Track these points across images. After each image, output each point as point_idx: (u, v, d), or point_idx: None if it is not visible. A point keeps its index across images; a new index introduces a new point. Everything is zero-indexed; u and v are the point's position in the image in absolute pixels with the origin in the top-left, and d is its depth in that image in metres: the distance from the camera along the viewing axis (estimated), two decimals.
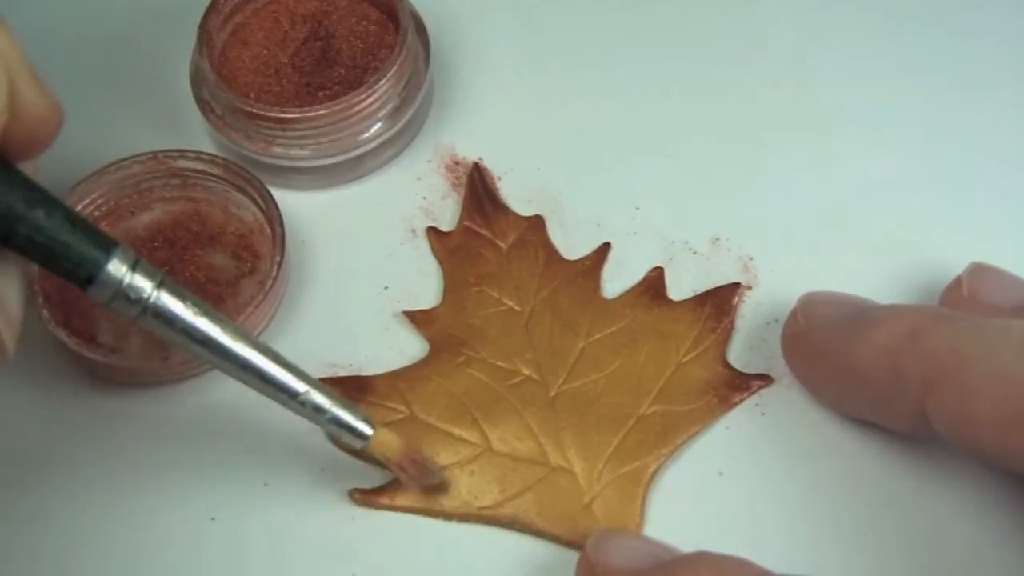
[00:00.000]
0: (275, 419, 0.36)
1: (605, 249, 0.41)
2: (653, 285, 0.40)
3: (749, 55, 0.46)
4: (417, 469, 0.36)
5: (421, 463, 0.36)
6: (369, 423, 0.35)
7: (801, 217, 0.42)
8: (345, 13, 0.44)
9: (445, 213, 0.43)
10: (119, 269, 0.31)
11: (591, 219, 0.42)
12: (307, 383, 0.34)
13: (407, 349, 0.40)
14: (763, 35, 0.46)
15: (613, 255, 0.41)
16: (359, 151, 0.42)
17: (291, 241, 0.41)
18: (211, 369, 0.39)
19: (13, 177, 0.30)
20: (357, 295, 0.41)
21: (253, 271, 0.41)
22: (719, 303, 0.40)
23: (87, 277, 0.31)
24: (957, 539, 0.36)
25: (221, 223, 0.42)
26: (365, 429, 0.35)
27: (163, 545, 0.37)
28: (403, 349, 0.40)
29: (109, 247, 0.31)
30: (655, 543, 0.34)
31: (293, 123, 0.41)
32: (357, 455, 0.37)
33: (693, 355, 0.39)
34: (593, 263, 0.41)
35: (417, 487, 0.37)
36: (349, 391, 0.39)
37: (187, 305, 0.32)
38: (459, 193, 0.43)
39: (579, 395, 0.38)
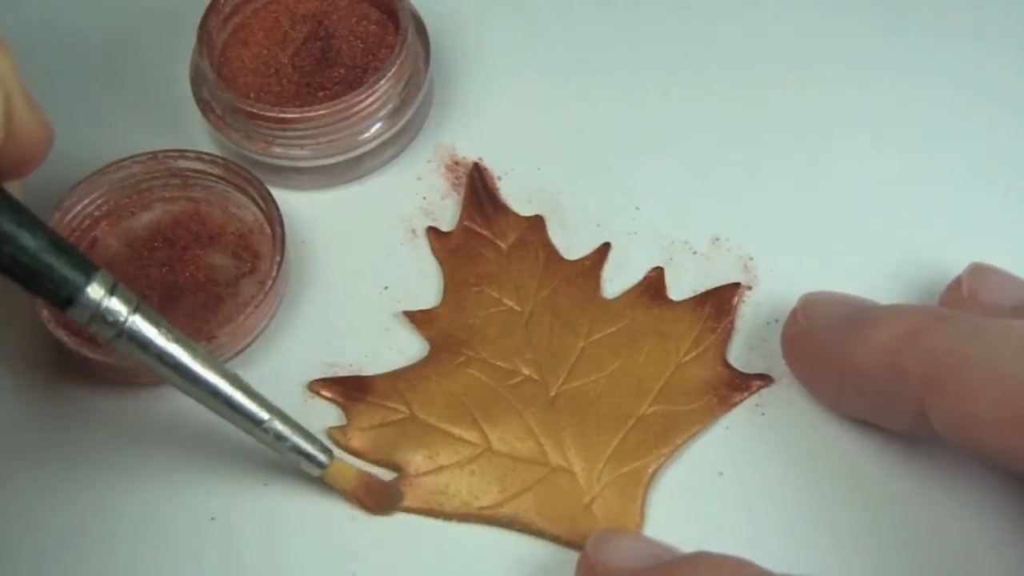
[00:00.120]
0: None
1: (605, 249, 0.41)
2: (653, 285, 0.40)
3: (749, 56, 0.46)
4: (375, 499, 0.36)
5: (379, 491, 0.37)
6: (328, 454, 0.36)
7: (801, 217, 0.42)
8: (345, 13, 0.44)
9: (445, 213, 0.43)
10: (97, 292, 0.33)
11: (591, 219, 0.42)
12: (271, 412, 0.35)
13: (407, 349, 0.40)
14: (763, 36, 0.46)
15: (613, 255, 0.41)
16: (359, 151, 0.42)
17: (291, 241, 0.41)
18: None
19: (1, 198, 0.31)
20: (357, 295, 0.41)
21: (253, 271, 0.41)
22: (719, 303, 0.40)
23: (67, 299, 0.32)
24: (957, 539, 0.35)
25: (221, 223, 0.42)
26: (323, 458, 0.36)
27: (163, 545, 0.37)
28: (403, 349, 0.40)
29: (90, 271, 0.33)
30: (655, 543, 0.34)
31: (293, 123, 0.41)
32: (356, 455, 0.37)
33: (693, 355, 0.39)
34: (593, 263, 0.41)
35: (380, 512, 0.37)
36: (349, 391, 0.39)
37: (160, 331, 0.34)
38: (459, 193, 0.43)
39: (579, 395, 0.38)
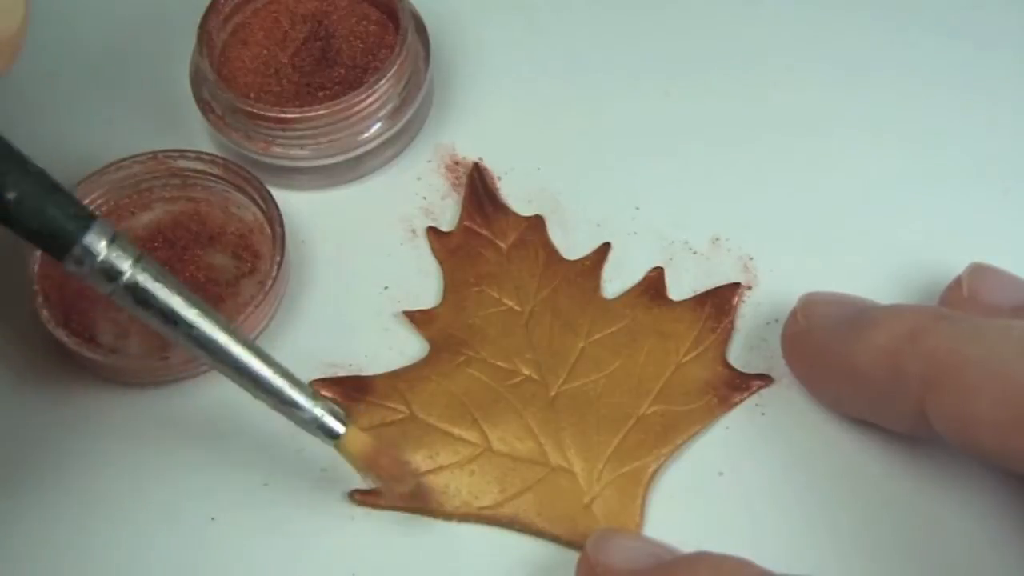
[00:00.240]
0: (276, 419, 0.36)
1: (605, 249, 0.41)
2: (653, 285, 0.40)
3: (749, 56, 0.46)
4: (389, 472, 0.35)
5: (394, 466, 0.35)
6: (342, 421, 0.34)
7: (801, 217, 0.42)
8: (345, 13, 0.44)
9: (445, 213, 0.43)
10: (96, 242, 0.31)
11: (591, 219, 0.42)
12: (282, 375, 0.33)
13: (407, 349, 0.40)
14: (763, 36, 0.46)
15: (613, 255, 0.41)
16: (359, 151, 0.42)
17: (291, 241, 0.41)
18: (211, 369, 0.39)
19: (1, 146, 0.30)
20: (357, 295, 0.41)
21: (253, 271, 0.41)
22: (719, 303, 0.40)
23: (62, 248, 0.31)
24: (957, 539, 0.35)
25: (221, 223, 0.42)
26: (337, 427, 0.34)
27: (163, 545, 0.37)
28: (403, 349, 0.40)
29: (88, 220, 0.31)
30: (655, 543, 0.34)
31: (293, 123, 0.41)
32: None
33: (693, 355, 0.39)
34: (593, 263, 0.41)
35: (392, 493, 0.36)
36: (349, 391, 0.39)
37: (164, 284, 0.32)
38: (459, 193, 0.43)
39: (579, 395, 0.38)
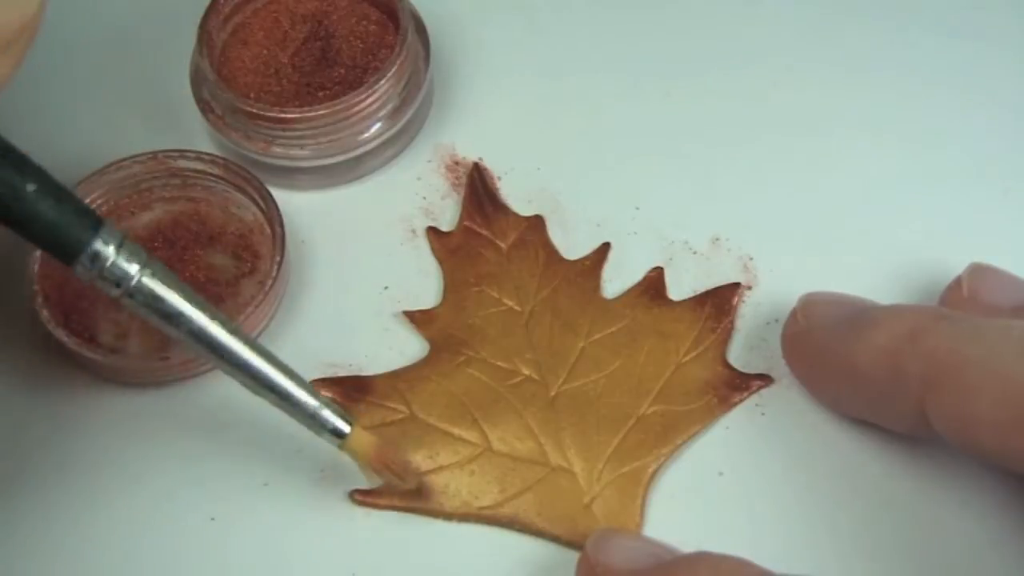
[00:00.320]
0: (276, 419, 0.36)
1: (605, 249, 0.41)
2: (653, 285, 0.40)
3: (749, 56, 0.46)
4: (393, 470, 0.36)
5: (398, 464, 0.36)
6: (348, 422, 0.34)
7: (801, 217, 0.42)
8: (345, 13, 0.44)
9: (445, 213, 0.43)
10: (105, 247, 0.31)
11: (591, 219, 0.42)
12: (288, 376, 0.34)
13: (407, 349, 0.40)
14: (763, 36, 0.46)
15: (613, 255, 0.41)
16: (359, 151, 0.42)
17: (291, 241, 0.40)
18: (211, 369, 0.39)
19: (7, 149, 0.30)
20: (357, 295, 0.41)
21: (253, 271, 0.41)
22: (719, 303, 0.40)
23: (72, 253, 0.31)
24: (957, 539, 0.36)
25: (221, 223, 0.42)
26: (342, 426, 0.34)
27: (163, 545, 0.37)
28: (403, 349, 0.40)
29: (96, 225, 0.31)
30: (655, 543, 0.34)
31: (293, 123, 0.41)
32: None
33: (693, 355, 0.39)
34: (593, 263, 0.41)
35: (395, 491, 0.36)
36: (349, 391, 0.39)
37: (173, 289, 0.32)
38: (459, 193, 0.43)
39: (579, 395, 0.38)
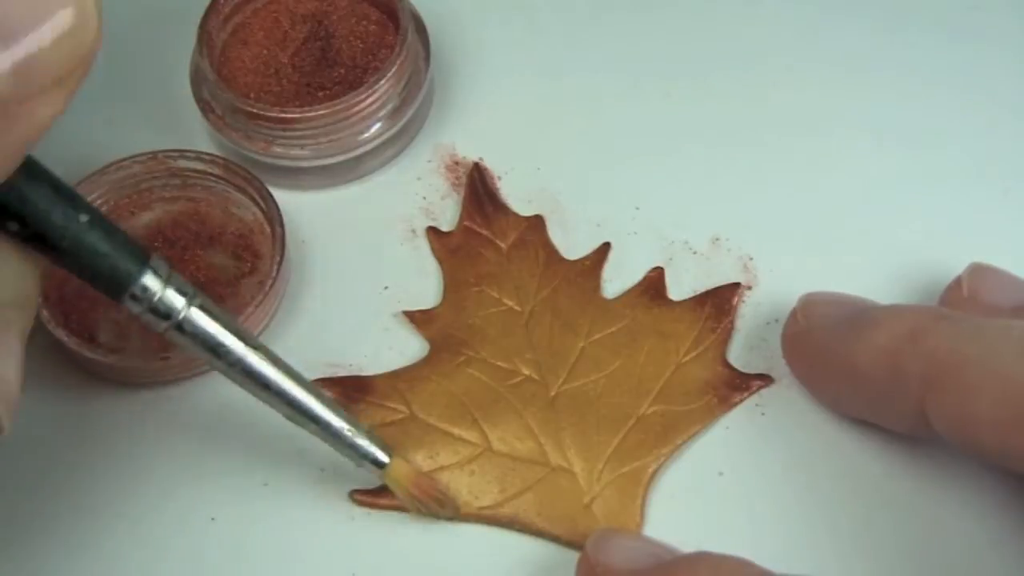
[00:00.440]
0: (276, 419, 0.36)
1: (605, 249, 0.41)
2: (653, 285, 0.40)
3: (749, 56, 0.46)
4: (432, 497, 0.36)
5: (436, 491, 0.36)
6: (388, 452, 0.35)
7: (801, 217, 0.42)
8: (345, 13, 0.44)
9: (445, 213, 0.43)
10: (153, 282, 0.31)
11: (591, 219, 0.42)
12: (330, 408, 0.34)
13: (407, 349, 0.40)
14: (763, 37, 0.46)
15: (613, 255, 0.41)
16: (359, 151, 0.42)
17: (291, 241, 0.41)
18: (211, 369, 0.39)
19: (57, 183, 0.29)
20: (357, 295, 0.41)
21: (253, 271, 0.41)
22: (719, 303, 0.40)
23: (122, 287, 0.30)
24: (957, 539, 0.36)
25: (221, 223, 0.42)
26: (382, 457, 0.35)
27: (163, 545, 0.37)
28: (403, 349, 0.40)
29: (143, 260, 0.31)
30: (655, 543, 0.34)
31: (293, 123, 0.41)
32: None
33: (693, 355, 0.39)
34: (593, 263, 0.41)
35: (434, 516, 0.36)
36: (349, 391, 0.39)
37: (218, 322, 0.32)
38: (459, 193, 0.43)
39: (579, 395, 0.38)
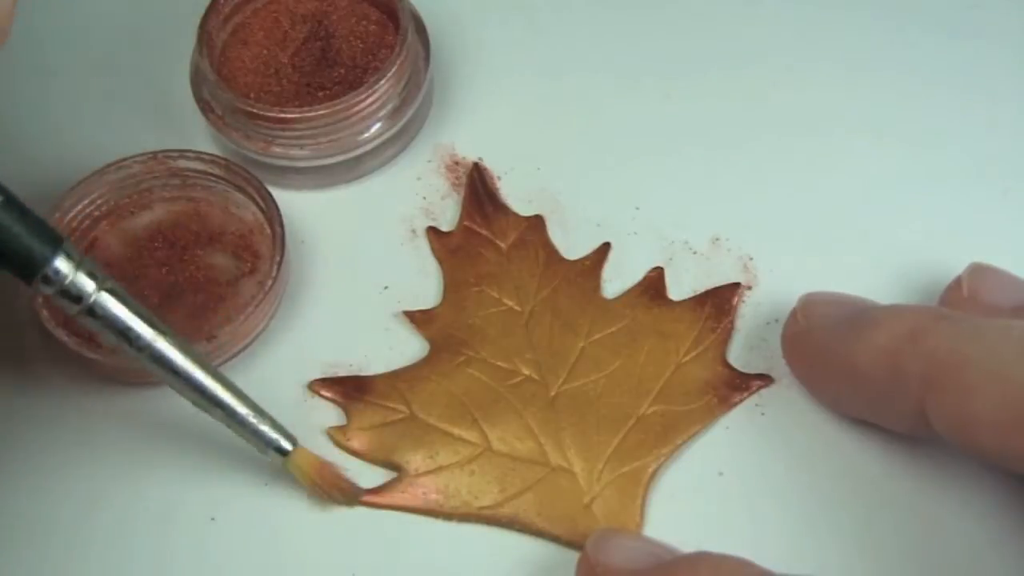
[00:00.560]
0: (275, 419, 0.36)
1: (605, 249, 0.41)
2: (653, 285, 0.40)
3: (749, 56, 0.46)
4: (335, 486, 0.36)
5: (339, 480, 0.36)
6: (291, 441, 0.35)
7: (801, 217, 0.42)
8: (345, 13, 0.44)
9: (445, 213, 0.43)
10: (65, 266, 0.32)
11: (591, 219, 0.42)
12: (236, 395, 0.35)
13: (407, 349, 0.40)
14: (763, 37, 0.46)
15: (613, 255, 0.41)
16: (359, 151, 0.42)
17: (291, 241, 0.40)
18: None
19: None
20: (357, 295, 0.41)
21: (253, 271, 0.41)
22: (719, 303, 0.40)
23: (34, 270, 0.32)
24: (957, 539, 0.35)
25: (221, 223, 0.42)
26: (285, 445, 0.35)
27: (163, 545, 0.37)
28: (403, 349, 0.40)
29: (56, 243, 0.32)
30: (655, 543, 0.34)
31: (293, 123, 0.41)
32: (357, 455, 0.37)
33: (693, 355, 0.39)
34: (593, 263, 0.41)
35: (333, 504, 0.37)
36: (349, 391, 0.39)
37: (127, 307, 0.33)
38: (459, 193, 0.43)
39: (579, 395, 0.38)
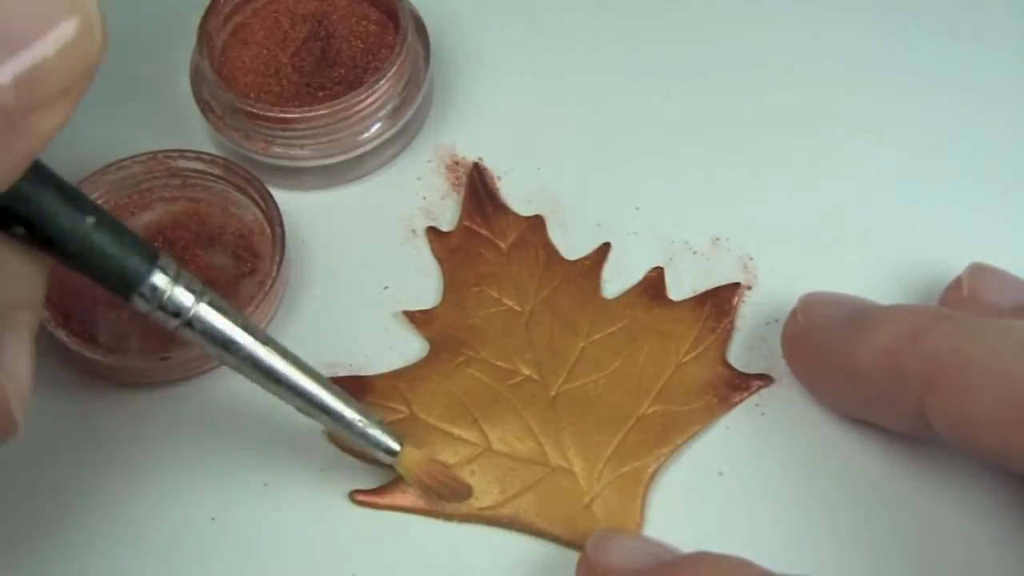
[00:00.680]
0: (276, 419, 0.36)
1: (605, 249, 0.41)
2: (653, 285, 0.40)
3: (749, 56, 0.46)
4: (443, 484, 0.36)
5: (447, 477, 0.36)
6: (399, 441, 0.35)
7: (801, 217, 0.42)
8: (345, 13, 0.44)
9: (445, 213, 0.43)
10: (162, 280, 0.31)
11: (591, 219, 0.42)
12: (341, 399, 0.34)
13: (407, 349, 0.40)
14: (763, 36, 0.46)
15: (613, 255, 0.41)
16: (359, 151, 0.42)
17: (291, 241, 0.41)
18: (211, 369, 0.39)
19: (62, 184, 0.29)
20: (357, 295, 0.41)
21: (253, 271, 0.41)
22: (719, 303, 0.40)
23: (131, 286, 0.30)
24: (956, 539, 0.36)
25: (221, 223, 0.42)
26: (393, 445, 0.35)
27: (163, 545, 0.37)
28: (403, 349, 0.40)
29: (152, 259, 0.30)
30: (655, 543, 0.34)
31: (293, 123, 0.41)
32: (356, 455, 0.37)
33: (693, 355, 0.39)
34: (593, 263, 0.41)
35: (444, 502, 0.36)
36: (349, 391, 0.38)
37: (227, 317, 0.32)
38: (459, 193, 0.43)
39: (579, 395, 0.38)
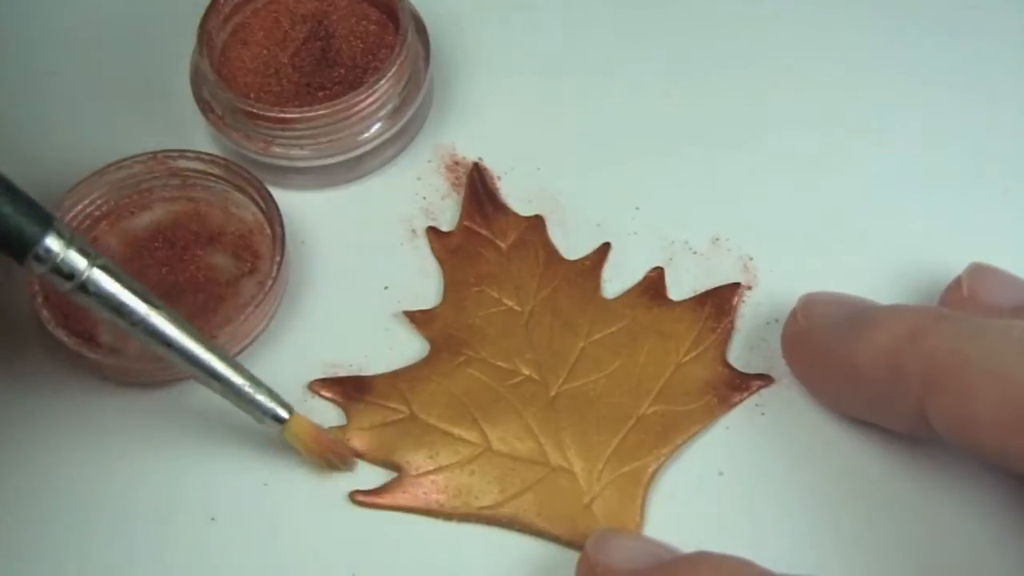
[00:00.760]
0: None
1: (605, 249, 0.41)
2: (653, 285, 0.40)
3: (749, 56, 0.46)
4: (333, 452, 0.37)
5: (337, 445, 0.37)
6: (288, 409, 0.36)
7: (801, 217, 0.42)
8: (345, 13, 0.44)
9: (445, 213, 0.43)
10: (57, 243, 0.32)
11: (591, 219, 0.42)
12: (232, 366, 0.35)
13: (407, 349, 0.40)
14: (763, 36, 0.46)
15: (613, 255, 0.41)
16: (359, 151, 0.42)
17: (291, 241, 0.40)
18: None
19: None
20: (357, 295, 0.41)
21: (253, 271, 0.41)
22: (719, 303, 0.40)
23: (26, 248, 0.32)
24: (957, 539, 0.36)
25: (221, 223, 0.42)
26: (281, 412, 0.36)
27: (164, 545, 0.37)
28: (403, 349, 0.40)
29: (46, 221, 0.32)
30: (655, 543, 0.34)
31: (293, 123, 0.41)
32: (357, 456, 0.38)
33: (693, 355, 0.39)
34: (593, 263, 0.41)
35: (331, 470, 0.37)
36: (349, 391, 0.39)
37: (120, 282, 0.33)
38: (459, 193, 0.43)
39: (579, 395, 0.38)
